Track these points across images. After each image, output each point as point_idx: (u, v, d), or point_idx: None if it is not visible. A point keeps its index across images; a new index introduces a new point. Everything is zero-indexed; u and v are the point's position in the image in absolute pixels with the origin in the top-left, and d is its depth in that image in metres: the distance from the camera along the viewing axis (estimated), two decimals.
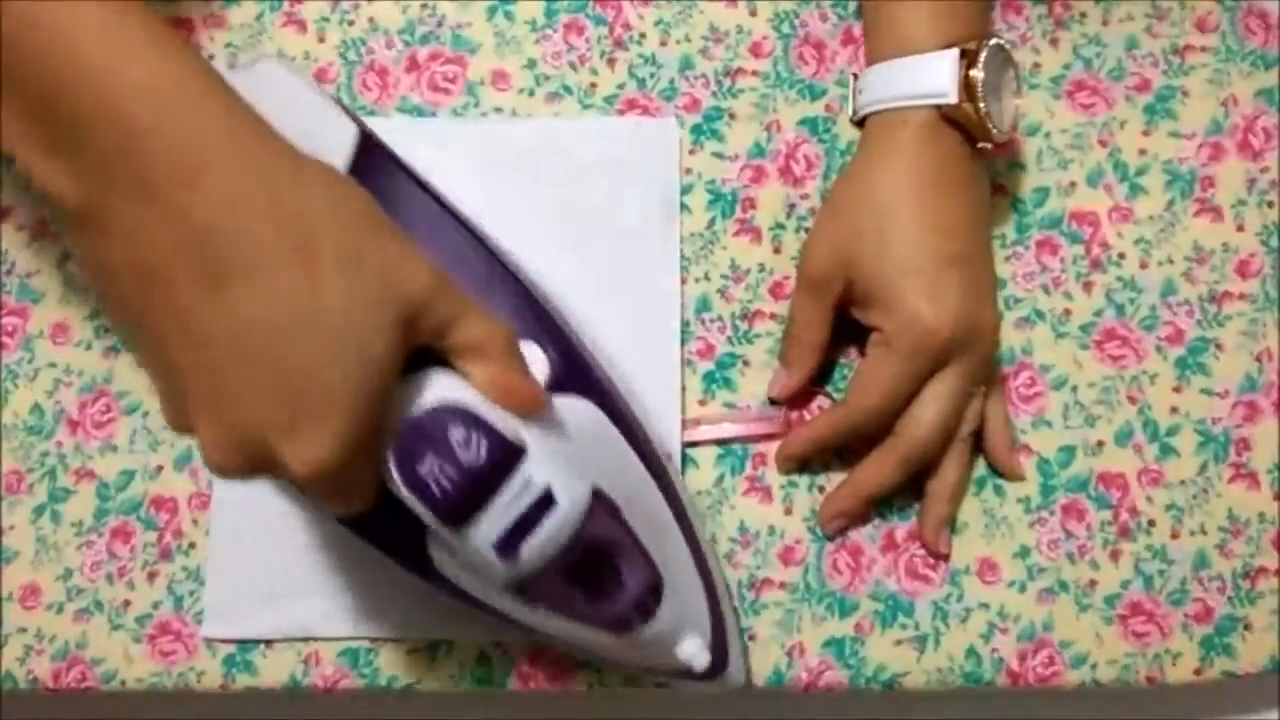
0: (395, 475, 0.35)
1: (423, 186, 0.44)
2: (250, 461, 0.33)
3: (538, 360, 0.41)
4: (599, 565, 0.39)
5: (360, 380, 0.32)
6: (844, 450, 0.52)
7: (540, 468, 0.36)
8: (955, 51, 0.48)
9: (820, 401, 0.52)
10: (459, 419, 0.35)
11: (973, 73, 0.48)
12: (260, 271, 0.31)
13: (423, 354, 0.36)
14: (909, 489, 0.51)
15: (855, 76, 0.51)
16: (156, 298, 0.32)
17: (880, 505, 0.51)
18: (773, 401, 0.52)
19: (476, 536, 0.36)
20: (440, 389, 0.36)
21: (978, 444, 0.51)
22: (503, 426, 0.36)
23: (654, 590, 0.41)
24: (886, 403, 0.48)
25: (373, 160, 0.43)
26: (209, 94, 0.32)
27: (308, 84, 0.44)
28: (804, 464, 0.51)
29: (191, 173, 0.31)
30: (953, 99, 0.48)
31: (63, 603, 0.52)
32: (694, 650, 0.42)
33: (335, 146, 0.42)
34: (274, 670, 0.50)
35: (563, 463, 0.37)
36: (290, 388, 0.32)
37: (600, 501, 0.38)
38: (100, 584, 0.52)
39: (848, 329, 0.51)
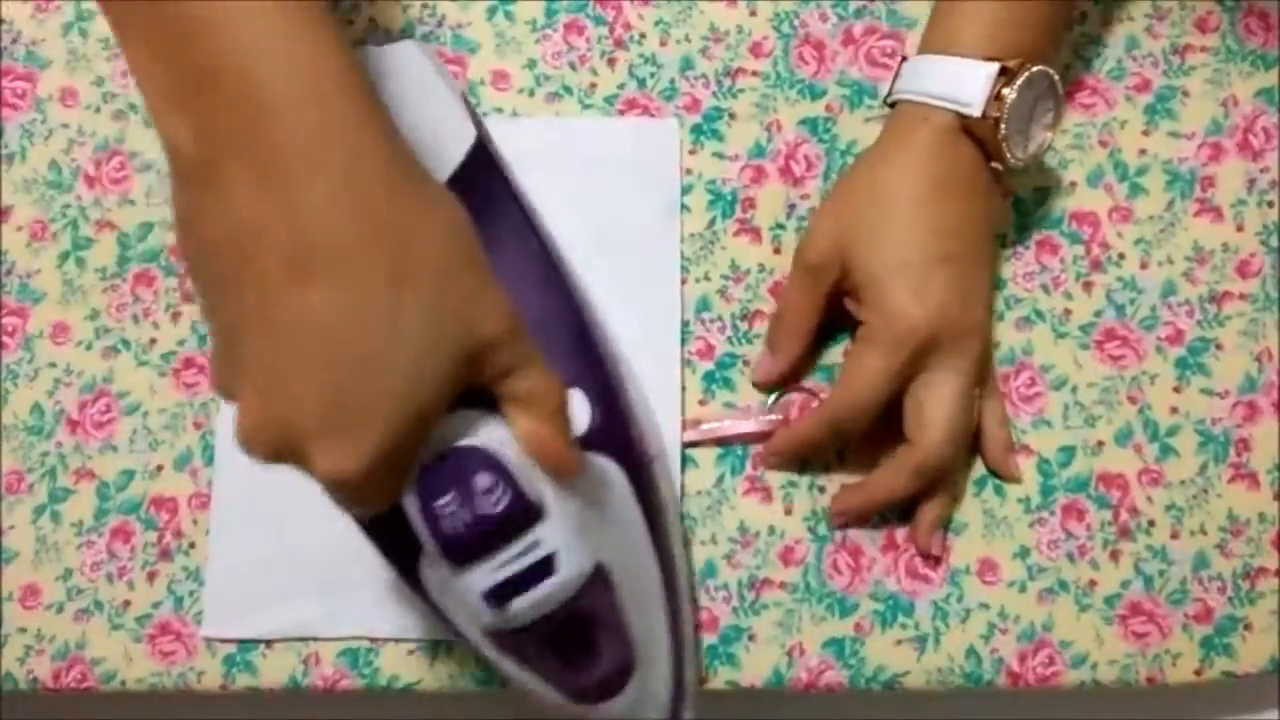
0: (414, 500, 0.35)
1: (520, 205, 0.44)
2: (278, 449, 0.33)
3: (580, 410, 0.41)
4: (579, 635, 0.40)
5: (409, 405, 0.33)
6: (845, 451, 0.52)
7: (552, 533, 0.36)
8: (995, 66, 0.47)
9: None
10: (489, 467, 0.35)
11: (1004, 91, 0.47)
12: (349, 277, 0.31)
13: (472, 391, 0.36)
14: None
15: (904, 59, 0.51)
16: (243, 269, 0.32)
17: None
18: (756, 385, 0.52)
19: (471, 579, 0.36)
20: (481, 432, 0.36)
21: (975, 445, 0.52)
22: (528, 486, 0.36)
23: (624, 671, 0.41)
24: (866, 397, 0.48)
25: (481, 167, 0.43)
26: (347, 89, 0.32)
27: (442, 74, 0.44)
28: (790, 463, 0.51)
29: (309, 166, 0.31)
30: (976, 111, 0.47)
31: (63, 603, 0.52)
32: None
33: (451, 145, 0.42)
34: (274, 670, 0.50)
35: (574, 531, 0.37)
36: (339, 394, 0.32)
37: (599, 576, 0.39)
38: (100, 584, 0.52)
39: (850, 332, 0.51)
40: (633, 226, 0.54)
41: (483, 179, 0.43)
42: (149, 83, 0.33)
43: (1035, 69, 0.47)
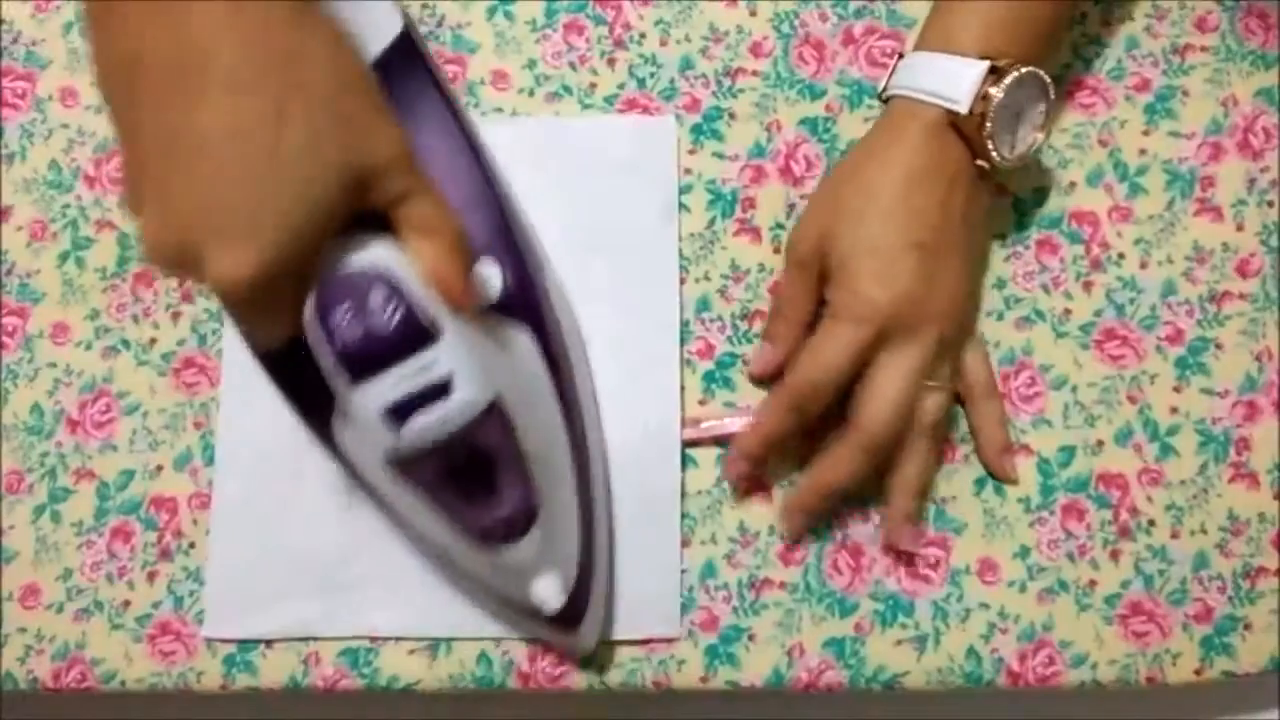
0: (311, 314, 0.37)
1: (442, 94, 0.46)
2: (177, 257, 0.35)
3: (493, 277, 0.44)
4: (480, 474, 0.41)
5: (295, 216, 0.35)
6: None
7: (447, 358, 0.38)
8: (985, 65, 0.48)
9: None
10: (383, 285, 0.37)
11: (991, 90, 0.47)
12: (235, 95, 0.33)
13: (374, 220, 0.38)
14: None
15: (900, 55, 0.51)
16: (138, 87, 0.34)
17: (881, 506, 0.51)
18: (751, 377, 0.52)
19: (369, 396, 0.38)
20: (378, 253, 0.38)
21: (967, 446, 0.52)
22: (422, 308, 0.37)
23: (526, 515, 0.42)
24: (824, 374, 0.48)
25: (405, 56, 0.45)
26: None
27: None
28: (761, 462, 0.51)
29: None
30: (963, 109, 0.48)
31: (63, 603, 0.52)
32: (549, 592, 0.44)
33: (375, 32, 0.44)
34: (274, 670, 0.50)
35: (472, 365, 0.39)
36: (228, 202, 0.34)
37: (497, 413, 0.40)
38: (100, 584, 0.52)
39: None
40: (631, 226, 0.54)
41: (406, 67, 0.45)
42: None
43: (1025, 70, 0.48)
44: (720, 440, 0.52)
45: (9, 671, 0.51)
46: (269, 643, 0.51)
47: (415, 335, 0.37)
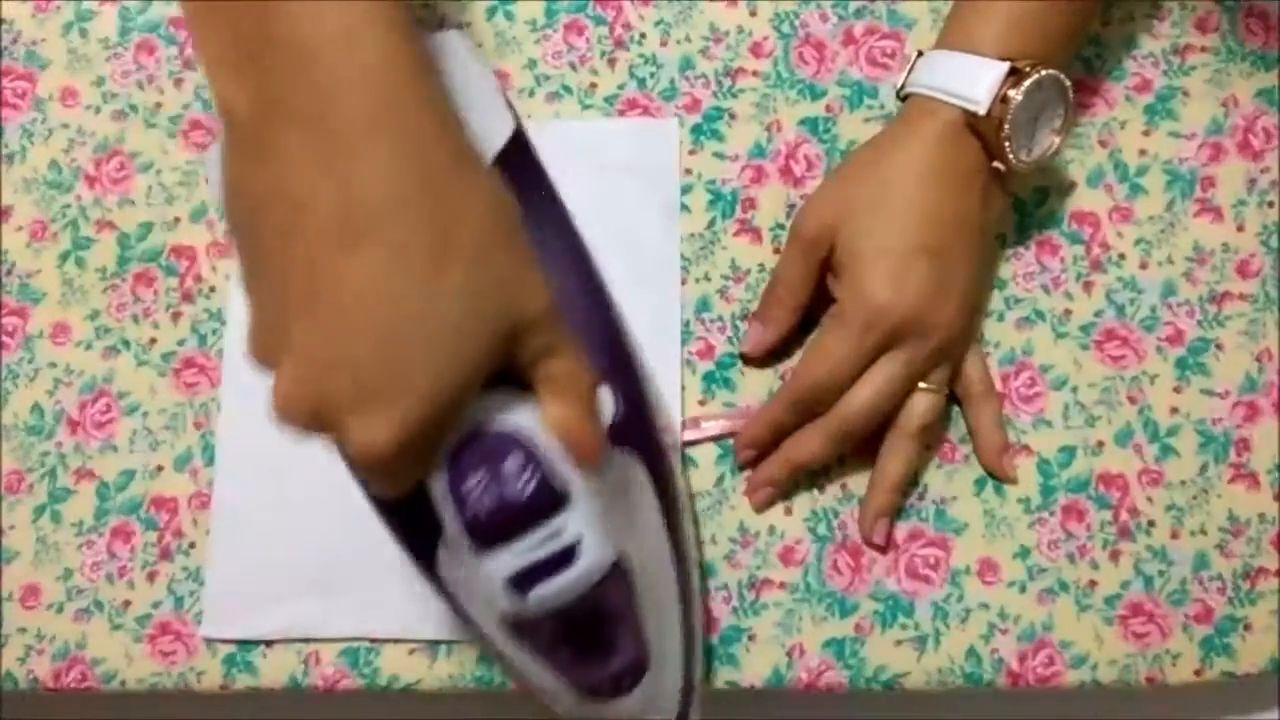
0: (443, 479, 0.35)
1: (553, 198, 0.44)
2: (313, 419, 0.33)
3: (606, 404, 0.41)
4: (596, 629, 0.39)
5: (446, 379, 0.33)
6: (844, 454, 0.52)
7: (576, 521, 0.36)
8: (1005, 66, 0.47)
9: None
10: (520, 450, 0.35)
11: (1011, 92, 0.47)
12: (394, 246, 0.32)
13: (505, 375, 0.36)
14: (908, 488, 0.51)
15: (920, 53, 0.51)
16: (292, 234, 0.32)
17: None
18: (743, 358, 0.52)
19: (492, 564, 0.36)
20: (512, 415, 0.36)
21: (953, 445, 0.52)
22: (556, 471, 0.36)
23: (637, 671, 0.41)
24: (828, 376, 0.48)
25: (518, 158, 0.43)
26: (405, 61, 0.33)
27: (483, 64, 0.43)
28: (763, 451, 0.51)
29: (366, 138, 0.31)
30: (981, 109, 0.47)
31: (63, 603, 0.52)
32: None
33: (492, 135, 0.42)
34: (274, 670, 0.50)
35: (597, 521, 0.37)
36: (377, 364, 0.32)
37: (619, 570, 0.38)
38: (100, 584, 0.52)
39: None
40: (632, 226, 0.54)
41: (521, 168, 0.43)
42: (208, 41, 0.33)
43: (1045, 73, 0.47)
44: (720, 439, 0.52)
45: (9, 671, 0.51)
46: (269, 643, 0.51)
47: (548, 503, 0.36)
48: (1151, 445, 0.52)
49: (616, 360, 0.43)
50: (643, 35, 0.57)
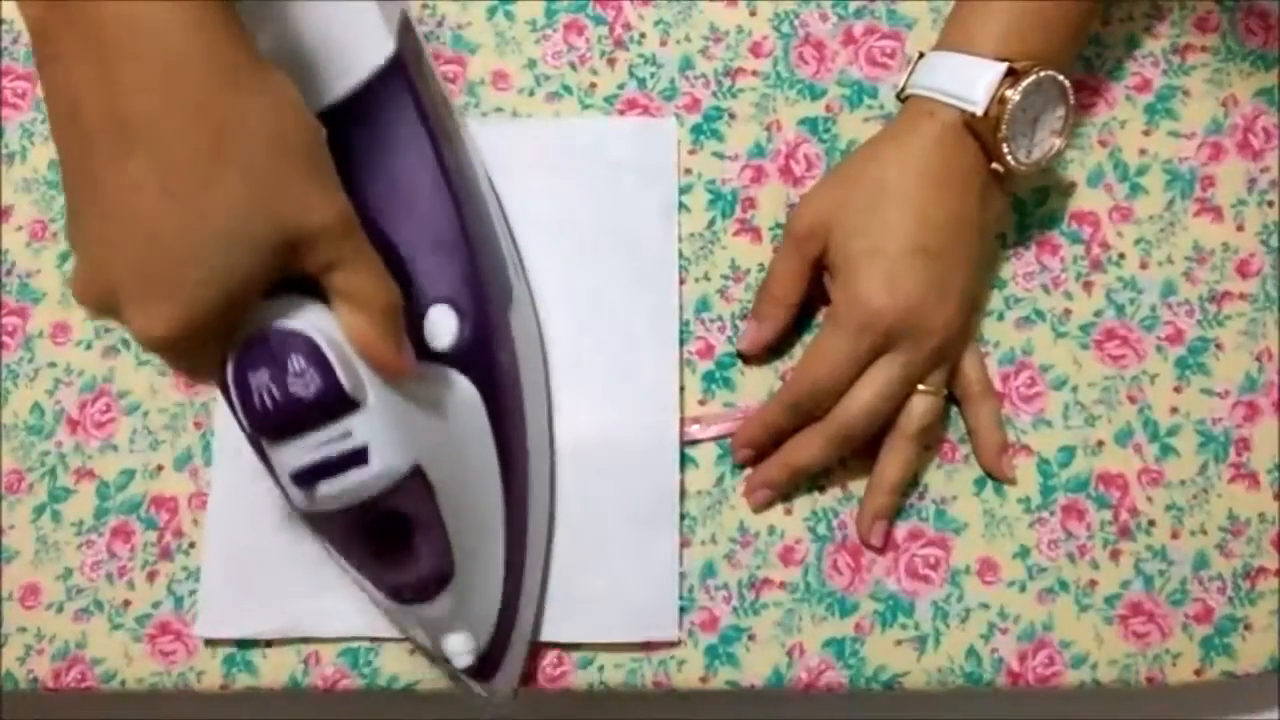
0: (229, 374, 0.36)
1: (431, 132, 0.44)
2: (100, 306, 0.35)
3: (447, 325, 0.43)
4: (393, 535, 0.40)
5: (217, 280, 0.34)
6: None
7: (367, 426, 0.37)
8: (1003, 67, 0.47)
9: None
10: (303, 350, 0.36)
11: (1008, 93, 0.47)
12: (162, 153, 0.33)
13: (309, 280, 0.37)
14: (907, 489, 0.51)
15: (921, 54, 0.51)
16: (73, 137, 0.34)
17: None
18: (740, 356, 0.53)
19: (281, 456, 0.37)
20: (305, 317, 0.37)
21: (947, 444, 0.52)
22: (344, 375, 0.36)
23: (438, 579, 0.42)
24: (825, 380, 0.48)
25: (392, 81, 0.44)
26: None
27: None
28: (760, 452, 0.51)
29: (138, 42, 0.33)
30: (978, 110, 0.47)
31: (63, 603, 0.52)
32: (459, 648, 0.44)
33: (361, 55, 0.43)
34: (274, 670, 0.50)
35: (393, 428, 0.38)
36: (150, 262, 0.34)
37: (418, 479, 0.39)
38: (100, 584, 0.52)
39: None
40: (631, 226, 0.54)
41: (391, 93, 0.44)
42: None
43: (1044, 73, 0.47)
44: (719, 439, 0.52)
45: (9, 671, 0.51)
46: (269, 643, 0.51)
47: (333, 405, 0.36)
48: (1151, 445, 0.52)
49: (469, 286, 0.44)
50: (642, 35, 0.57)
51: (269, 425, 0.37)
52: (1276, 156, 0.55)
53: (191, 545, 0.52)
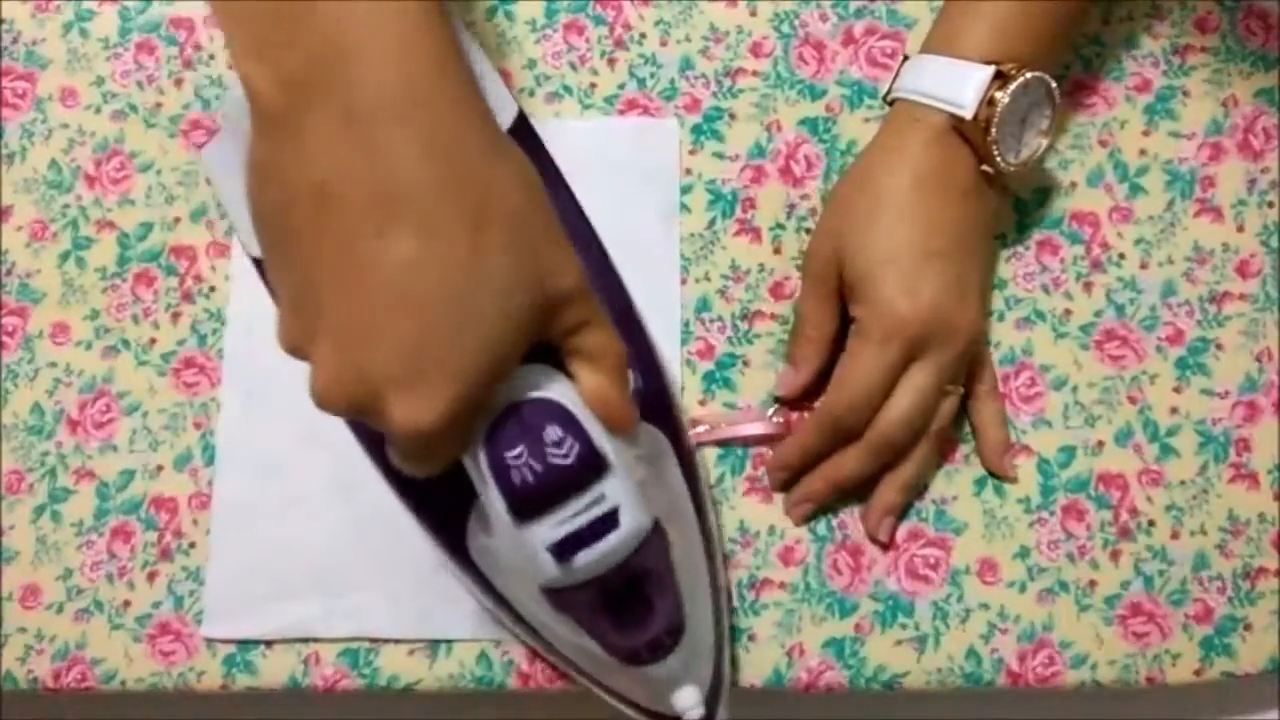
0: (482, 454, 0.35)
1: (559, 180, 0.44)
2: (355, 402, 0.33)
3: (631, 380, 0.42)
4: (634, 594, 0.39)
5: (488, 355, 0.33)
6: None
7: (615, 487, 0.36)
8: (991, 70, 0.47)
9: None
10: (558, 419, 0.35)
11: (997, 95, 0.47)
12: (431, 226, 0.32)
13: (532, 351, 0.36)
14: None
15: (906, 58, 0.51)
16: (323, 219, 0.32)
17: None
18: (777, 400, 0.52)
19: (535, 534, 0.36)
20: (547, 386, 0.36)
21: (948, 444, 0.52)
22: (596, 438, 0.36)
23: (675, 632, 0.41)
24: (861, 395, 0.48)
25: (525, 141, 0.43)
26: (435, 39, 0.32)
27: (479, 52, 0.44)
28: (797, 473, 0.51)
29: (394, 117, 0.31)
30: (968, 113, 0.47)
31: (63, 603, 0.52)
32: (691, 701, 0.42)
33: (499, 116, 0.43)
34: (274, 670, 0.50)
35: (635, 488, 0.37)
36: (419, 343, 0.32)
37: (658, 534, 0.39)
38: (100, 584, 0.52)
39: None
40: (632, 226, 0.54)
41: (530, 151, 0.44)
42: (234, 25, 0.33)
43: (1031, 75, 0.47)
44: (721, 441, 0.52)
45: (9, 671, 0.51)
46: (269, 643, 0.51)
47: (589, 470, 0.36)
48: (1151, 445, 0.52)
49: (634, 339, 0.43)
50: (643, 35, 0.57)
51: (531, 500, 0.35)
52: (1276, 157, 0.55)
53: (192, 545, 0.52)
